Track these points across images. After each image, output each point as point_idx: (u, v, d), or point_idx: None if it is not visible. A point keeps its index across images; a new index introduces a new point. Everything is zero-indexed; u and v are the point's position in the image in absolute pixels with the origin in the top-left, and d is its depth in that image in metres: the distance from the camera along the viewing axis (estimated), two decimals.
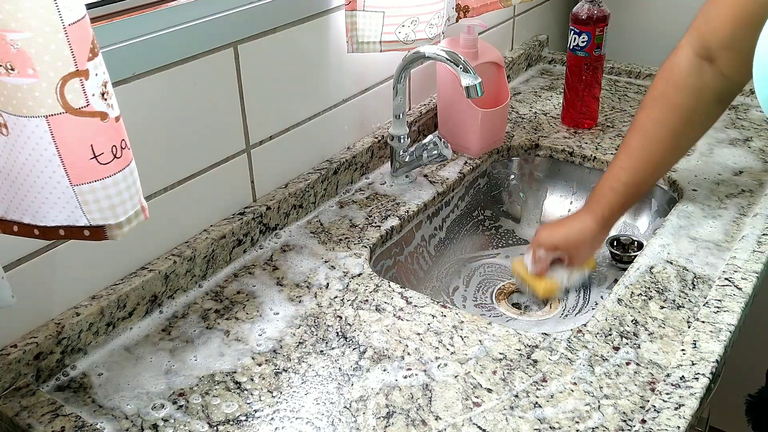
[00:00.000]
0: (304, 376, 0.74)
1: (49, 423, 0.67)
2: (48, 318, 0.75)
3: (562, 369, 0.73)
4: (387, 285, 0.87)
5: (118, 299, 0.78)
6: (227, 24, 0.85)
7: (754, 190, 1.03)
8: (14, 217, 0.62)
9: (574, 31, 1.20)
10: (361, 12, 0.98)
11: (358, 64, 1.07)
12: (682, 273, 0.87)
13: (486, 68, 1.16)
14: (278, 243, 0.96)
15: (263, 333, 0.80)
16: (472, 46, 1.13)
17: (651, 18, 1.58)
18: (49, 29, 0.52)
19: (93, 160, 0.57)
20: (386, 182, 1.10)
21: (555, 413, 0.68)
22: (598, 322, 0.79)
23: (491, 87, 1.16)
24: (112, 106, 0.58)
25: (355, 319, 0.82)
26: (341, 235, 0.97)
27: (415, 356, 0.76)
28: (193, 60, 0.82)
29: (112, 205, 0.60)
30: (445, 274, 1.09)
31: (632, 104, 1.34)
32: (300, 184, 1.00)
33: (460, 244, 1.14)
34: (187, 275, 0.86)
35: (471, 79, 0.92)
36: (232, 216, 0.93)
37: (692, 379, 0.71)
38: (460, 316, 0.81)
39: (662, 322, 0.79)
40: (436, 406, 0.69)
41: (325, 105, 1.04)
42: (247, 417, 0.69)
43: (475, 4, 1.16)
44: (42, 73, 0.53)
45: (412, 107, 1.23)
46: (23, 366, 0.71)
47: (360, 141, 1.12)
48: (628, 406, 0.68)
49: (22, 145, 0.56)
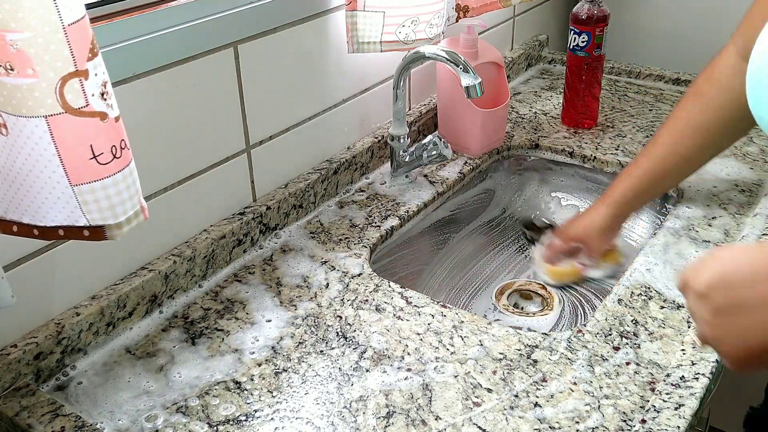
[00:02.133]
0: (304, 376, 0.74)
1: (49, 423, 0.67)
2: (48, 318, 0.75)
3: (562, 369, 0.73)
4: (387, 285, 0.87)
5: (118, 299, 0.78)
6: (227, 24, 0.85)
7: (754, 190, 1.03)
8: (14, 217, 0.62)
9: (574, 31, 1.20)
10: (362, 12, 0.98)
11: (358, 64, 1.07)
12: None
13: (486, 68, 1.16)
14: (278, 243, 0.96)
15: (263, 333, 0.80)
16: (472, 46, 1.13)
17: (651, 18, 1.58)
18: (49, 29, 0.52)
19: (92, 160, 0.57)
20: (386, 182, 1.10)
21: (555, 413, 0.68)
22: (598, 322, 0.79)
23: (491, 87, 1.16)
24: (112, 106, 0.58)
25: (355, 319, 0.82)
26: (341, 235, 0.97)
27: (415, 356, 0.76)
28: (193, 60, 0.82)
29: (111, 205, 0.60)
30: (445, 273, 1.09)
31: (632, 104, 1.34)
32: (300, 184, 1.00)
33: (460, 243, 1.14)
34: (187, 275, 0.86)
35: (471, 79, 0.92)
36: (232, 216, 0.93)
37: (692, 379, 0.71)
38: (460, 316, 0.81)
39: (662, 322, 0.79)
40: (436, 406, 0.69)
41: (325, 105, 1.04)
42: (247, 417, 0.69)
43: (475, 4, 1.16)
44: (41, 73, 0.53)
45: (412, 107, 1.23)
46: (23, 366, 0.71)
47: (360, 141, 1.12)
48: (628, 406, 0.68)
49: (22, 145, 0.56)
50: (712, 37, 1.49)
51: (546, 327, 0.97)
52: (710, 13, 1.49)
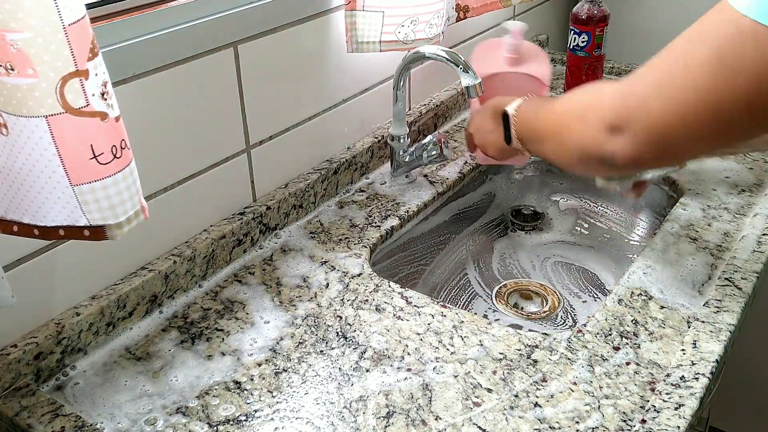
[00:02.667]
0: (304, 376, 0.74)
1: (49, 423, 0.67)
2: (48, 318, 0.75)
3: (562, 369, 0.73)
4: (387, 285, 0.87)
5: (118, 299, 0.78)
6: (227, 24, 0.85)
7: (754, 191, 1.03)
8: (14, 217, 0.62)
9: (574, 31, 1.20)
10: (361, 12, 0.98)
11: (358, 64, 1.07)
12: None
13: (525, 80, 1.05)
14: (278, 243, 0.96)
15: (263, 333, 0.80)
16: (514, 51, 1.06)
17: (651, 18, 1.58)
18: (49, 29, 0.52)
19: (93, 160, 0.57)
20: (386, 182, 1.10)
21: (555, 413, 0.68)
22: (598, 322, 0.79)
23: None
24: (112, 106, 0.58)
25: (355, 319, 0.82)
26: (341, 235, 0.97)
27: (415, 356, 0.76)
28: (193, 60, 0.82)
29: (111, 205, 0.60)
30: (445, 273, 1.09)
31: None
32: (300, 184, 1.00)
33: (460, 243, 1.14)
34: (187, 275, 0.86)
35: (471, 79, 0.92)
36: (232, 216, 0.93)
37: (692, 379, 0.71)
38: (460, 316, 0.81)
39: (662, 322, 0.79)
40: (436, 406, 0.69)
41: (325, 105, 1.04)
42: (247, 417, 0.69)
43: (475, 4, 1.16)
44: (42, 73, 0.53)
45: (412, 107, 1.23)
46: (23, 366, 0.71)
47: (360, 141, 1.12)
48: (628, 406, 0.68)
49: (22, 145, 0.56)
50: None
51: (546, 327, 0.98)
52: None
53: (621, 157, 0.63)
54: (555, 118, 0.75)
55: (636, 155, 0.62)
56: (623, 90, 0.63)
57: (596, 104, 0.66)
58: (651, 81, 0.60)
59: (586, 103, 0.69)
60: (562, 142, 0.72)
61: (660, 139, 0.60)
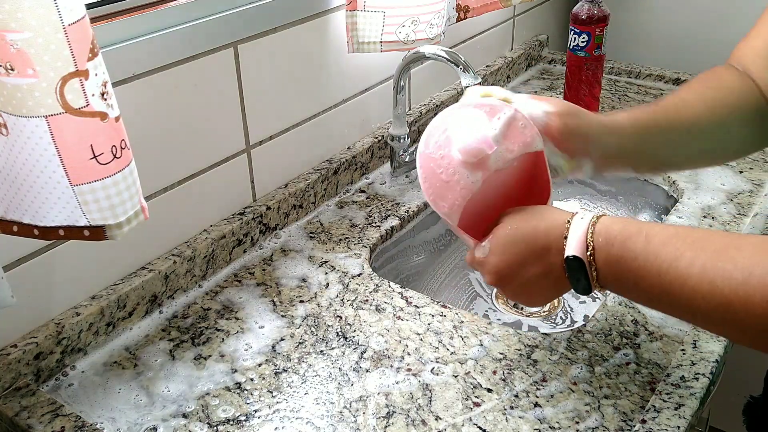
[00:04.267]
0: (303, 376, 0.74)
1: (49, 423, 0.67)
2: (48, 318, 0.75)
3: (562, 369, 0.73)
4: (387, 285, 0.87)
5: (118, 299, 0.78)
6: (227, 24, 0.85)
7: (754, 191, 1.03)
8: (14, 217, 0.62)
9: (574, 31, 1.20)
10: (362, 12, 0.98)
11: (358, 64, 1.07)
12: None
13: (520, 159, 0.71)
14: (278, 243, 0.96)
15: (263, 333, 0.80)
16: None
17: (651, 18, 1.58)
18: (49, 29, 0.52)
19: (93, 160, 0.57)
20: (386, 182, 1.10)
21: (555, 413, 0.68)
22: (598, 322, 0.79)
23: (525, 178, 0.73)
24: (112, 106, 0.58)
25: (355, 319, 0.82)
26: (341, 235, 0.97)
27: (415, 356, 0.76)
28: (193, 60, 0.82)
29: (111, 205, 0.60)
30: (445, 273, 1.09)
31: (632, 104, 1.34)
32: (300, 184, 1.00)
33: (461, 243, 1.14)
34: (187, 275, 0.86)
35: (471, 79, 0.92)
36: (232, 216, 0.93)
37: (692, 379, 0.71)
38: (460, 316, 0.81)
39: (662, 322, 0.79)
40: (436, 406, 0.69)
41: (325, 105, 1.04)
42: (247, 417, 0.69)
43: (475, 4, 1.16)
44: (42, 73, 0.53)
45: (412, 107, 1.23)
46: (23, 366, 0.71)
47: (360, 141, 1.12)
48: (628, 406, 0.68)
49: (22, 145, 0.56)
50: (712, 37, 1.49)
51: (546, 327, 0.98)
52: (710, 13, 1.49)
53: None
54: (721, 291, 0.56)
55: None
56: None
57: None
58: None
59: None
60: (736, 322, 0.56)
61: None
